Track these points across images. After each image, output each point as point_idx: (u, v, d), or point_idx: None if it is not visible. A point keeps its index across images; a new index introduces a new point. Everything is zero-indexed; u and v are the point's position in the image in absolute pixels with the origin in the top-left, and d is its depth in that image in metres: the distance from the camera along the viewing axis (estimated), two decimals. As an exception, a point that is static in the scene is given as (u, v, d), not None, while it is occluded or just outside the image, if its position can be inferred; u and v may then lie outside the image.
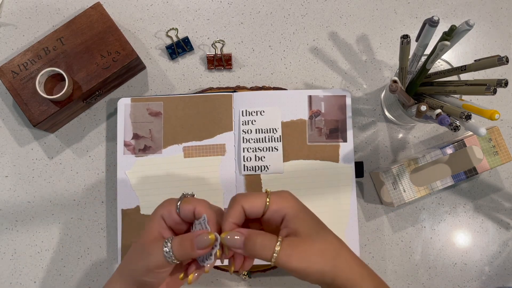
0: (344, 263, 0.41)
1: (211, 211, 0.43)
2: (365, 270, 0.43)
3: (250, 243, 0.40)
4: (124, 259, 0.44)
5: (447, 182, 0.61)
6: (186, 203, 0.43)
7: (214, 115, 0.63)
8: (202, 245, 0.40)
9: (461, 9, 0.68)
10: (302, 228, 0.41)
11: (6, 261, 0.64)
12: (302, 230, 0.41)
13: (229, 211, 0.43)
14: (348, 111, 0.63)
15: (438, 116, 0.52)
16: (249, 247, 0.40)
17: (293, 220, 0.42)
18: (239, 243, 0.41)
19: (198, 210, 0.42)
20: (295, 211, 0.42)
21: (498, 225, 0.66)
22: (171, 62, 0.67)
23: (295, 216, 0.42)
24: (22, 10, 0.67)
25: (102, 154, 0.65)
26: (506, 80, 0.50)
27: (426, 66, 0.56)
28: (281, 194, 0.43)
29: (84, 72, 0.61)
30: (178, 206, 0.43)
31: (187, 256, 0.41)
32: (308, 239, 0.41)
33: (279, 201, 0.42)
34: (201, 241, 0.40)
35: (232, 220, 0.42)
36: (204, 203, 0.43)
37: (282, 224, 0.42)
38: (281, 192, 0.44)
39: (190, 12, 0.68)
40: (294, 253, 0.40)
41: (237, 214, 0.42)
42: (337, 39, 0.68)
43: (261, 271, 0.62)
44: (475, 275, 0.65)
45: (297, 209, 0.42)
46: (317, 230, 0.42)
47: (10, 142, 0.65)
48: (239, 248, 0.41)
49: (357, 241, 0.61)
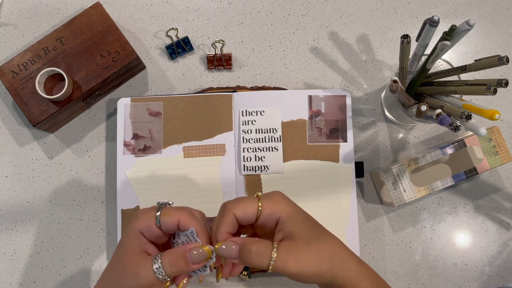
0: (341, 262, 0.41)
1: (197, 221, 0.41)
2: (363, 268, 0.42)
3: (245, 252, 0.39)
4: (103, 280, 0.41)
5: (447, 182, 0.61)
6: (167, 215, 0.40)
7: (214, 115, 0.62)
8: (198, 260, 0.39)
9: (461, 9, 0.68)
10: (297, 231, 0.40)
11: (6, 261, 0.64)
12: (298, 233, 0.40)
13: (220, 220, 0.41)
14: (348, 111, 0.63)
15: (438, 116, 0.52)
16: (244, 256, 0.39)
17: (288, 222, 0.41)
18: (234, 253, 0.40)
19: (182, 222, 0.40)
20: (289, 214, 0.41)
21: (498, 225, 0.66)
22: (171, 62, 0.67)
23: (290, 218, 0.41)
24: (22, 10, 0.67)
25: (102, 154, 0.65)
26: (506, 80, 0.50)
27: (426, 66, 0.56)
28: (273, 197, 0.42)
29: (84, 72, 0.61)
30: (158, 218, 0.40)
31: (181, 272, 0.40)
32: (304, 241, 0.40)
33: (272, 204, 0.41)
34: (197, 256, 0.39)
35: (224, 230, 0.40)
36: (187, 213, 0.41)
37: (277, 228, 0.41)
38: (273, 195, 0.42)
39: (190, 12, 0.68)
40: (290, 258, 0.39)
41: (230, 222, 0.41)
42: (337, 39, 0.68)
43: (261, 271, 0.62)
44: (475, 275, 0.65)
45: (291, 211, 0.41)
46: (312, 231, 0.41)
47: (10, 142, 0.65)
48: (234, 258, 0.40)
49: (357, 241, 0.61)
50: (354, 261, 0.42)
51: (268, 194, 0.42)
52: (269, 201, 0.41)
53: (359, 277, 0.41)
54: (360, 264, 0.42)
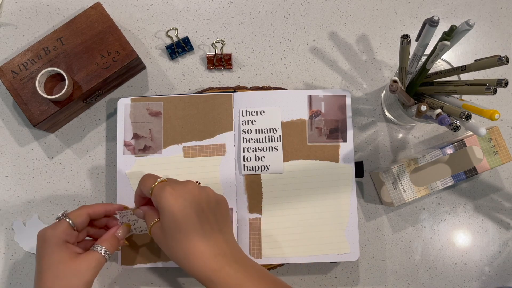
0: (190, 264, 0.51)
1: (101, 204, 0.55)
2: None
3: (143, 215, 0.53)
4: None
5: (447, 182, 0.61)
6: (77, 217, 0.52)
7: (214, 115, 0.62)
8: (123, 235, 0.55)
9: (461, 9, 0.68)
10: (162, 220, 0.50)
11: (6, 261, 0.64)
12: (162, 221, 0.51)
13: (136, 191, 0.54)
14: (348, 111, 0.63)
15: (438, 116, 0.52)
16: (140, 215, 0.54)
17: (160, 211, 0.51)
18: (142, 214, 0.54)
19: (92, 212, 0.54)
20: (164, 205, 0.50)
21: (498, 225, 0.66)
22: (171, 62, 0.67)
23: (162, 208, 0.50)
24: (22, 10, 0.67)
25: (102, 154, 0.65)
26: (506, 80, 0.50)
27: (426, 66, 0.56)
28: (164, 188, 0.50)
29: (84, 72, 0.61)
30: (72, 224, 0.52)
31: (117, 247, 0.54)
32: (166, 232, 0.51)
33: (158, 193, 0.50)
34: (122, 233, 0.55)
35: (137, 196, 0.54)
36: (88, 206, 0.54)
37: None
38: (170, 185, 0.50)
39: (190, 12, 0.68)
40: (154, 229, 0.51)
41: (138, 193, 0.54)
42: (337, 39, 0.68)
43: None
44: (475, 275, 0.65)
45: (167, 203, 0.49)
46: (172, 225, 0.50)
47: (10, 142, 0.65)
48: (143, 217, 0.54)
49: (357, 241, 0.61)
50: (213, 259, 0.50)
51: (171, 182, 0.52)
52: (158, 190, 0.50)
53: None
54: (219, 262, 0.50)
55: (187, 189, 0.50)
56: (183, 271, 0.63)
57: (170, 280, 0.64)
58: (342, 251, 0.61)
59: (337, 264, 0.64)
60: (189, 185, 0.51)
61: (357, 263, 0.65)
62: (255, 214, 0.61)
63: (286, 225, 0.61)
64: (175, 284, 0.64)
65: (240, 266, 0.50)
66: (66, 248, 0.50)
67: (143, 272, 0.64)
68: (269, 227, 0.61)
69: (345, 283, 0.64)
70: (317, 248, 0.61)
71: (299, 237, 0.61)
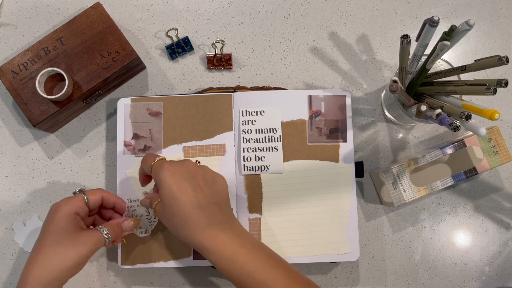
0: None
1: (116, 195, 0.59)
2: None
3: (149, 203, 0.55)
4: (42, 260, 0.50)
5: (447, 182, 0.61)
6: (93, 195, 0.55)
7: (214, 115, 0.62)
8: (129, 228, 0.57)
9: (461, 9, 0.68)
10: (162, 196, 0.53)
11: (6, 261, 0.64)
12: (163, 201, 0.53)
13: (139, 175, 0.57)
14: (348, 111, 0.63)
15: (438, 116, 0.52)
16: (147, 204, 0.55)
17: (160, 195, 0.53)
18: (148, 204, 0.55)
19: (106, 197, 0.56)
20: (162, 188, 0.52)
21: (498, 225, 0.66)
22: (171, 62, 0.67)
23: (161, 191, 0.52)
24: (22, 10, 0.67)
25: (102, 154, 0.65)
26: (506, 80, 0.50)
27: (426, 66, 0.56)
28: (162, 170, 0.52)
29: (84, 72, 0.61)
30: (86, 200, 0.54)
31: (119, 236, 0.56)
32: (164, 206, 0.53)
33: (156, 175, 0.52)
34: (127, 225, 0.57)
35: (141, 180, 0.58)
36: (104, 190, 0.57)
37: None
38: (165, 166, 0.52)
39: (190, 12, 0.68)
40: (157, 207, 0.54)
41: (141, 176, 0.57)
42: (337, 39, 0.68)
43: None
44: (475, 275, 0.65)
45: (166, 185, 0.51)
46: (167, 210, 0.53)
47: (10, 142, 0.65)
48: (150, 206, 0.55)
49: (357, 241, 0.61)
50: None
51: (170, 160, 0.53)
52: (157, 166, 0.52)
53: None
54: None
55: (184, 166, 0.52)
56: (183, 271, 0.64)
57: (170, 280, 0.64)
58: (342, 251, 0.61)
59: (337, 264, 0.64)
60: (186, 162, 0.53)
61: (357, 263, 0.65)
62: (255, 214, 0.61)
63: (286, 225, 0.61)
64: (175, 284, 0.64)
65: (236, 237, 0.52)
66: (74, 218, 0.52)
67: (143, 272, 0.64)
68: (269, 227, 0.61)
69: (345, 283, 0.64)
70: (317, 248, 0.61)
71: (299, 237, 0.61)
